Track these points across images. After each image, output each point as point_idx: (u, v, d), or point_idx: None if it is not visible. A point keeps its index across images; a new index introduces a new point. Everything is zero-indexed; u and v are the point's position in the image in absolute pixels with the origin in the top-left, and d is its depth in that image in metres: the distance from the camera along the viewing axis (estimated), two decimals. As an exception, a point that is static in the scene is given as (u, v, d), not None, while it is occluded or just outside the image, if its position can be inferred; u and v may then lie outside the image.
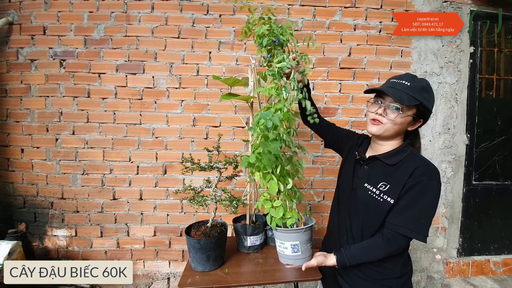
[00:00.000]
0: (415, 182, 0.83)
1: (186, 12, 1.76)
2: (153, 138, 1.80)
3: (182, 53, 1.78)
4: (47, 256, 1.83)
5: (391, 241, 0.84)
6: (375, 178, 0.91)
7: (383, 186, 0.88)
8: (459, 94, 1.91)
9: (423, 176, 0.83)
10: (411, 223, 0.82)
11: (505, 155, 1.99)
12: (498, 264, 2.00)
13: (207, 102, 1.80)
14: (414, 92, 0.84)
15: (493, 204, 2.00)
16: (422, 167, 0.84)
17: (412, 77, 0.88)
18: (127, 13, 1.75)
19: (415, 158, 0.88)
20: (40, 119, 1.79)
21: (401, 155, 0.89)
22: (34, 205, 1.82)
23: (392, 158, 0.89)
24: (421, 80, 0.88)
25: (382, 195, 0.87)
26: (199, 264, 1.14)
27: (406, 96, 0.83)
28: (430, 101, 0.87)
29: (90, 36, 1.76)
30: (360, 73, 1.85)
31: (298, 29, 1.81)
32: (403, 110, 0.85)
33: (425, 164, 0.86)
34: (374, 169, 0.93)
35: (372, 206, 0.90)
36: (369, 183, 0.91)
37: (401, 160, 0.88)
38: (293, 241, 0.92)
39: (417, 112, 0.87)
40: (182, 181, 1.82)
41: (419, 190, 0.82)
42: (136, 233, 1.84)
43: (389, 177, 0.88)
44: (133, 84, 1.78)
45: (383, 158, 0.91)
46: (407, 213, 0.83)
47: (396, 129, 0.88)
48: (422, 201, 0.82)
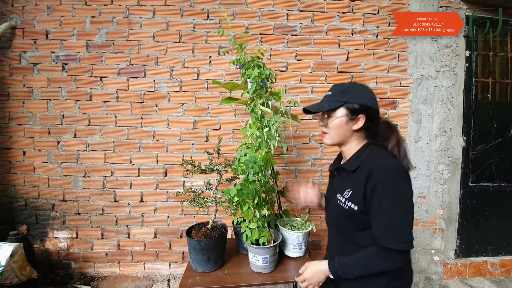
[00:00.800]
0: (372, 186, 0.79)
1: (187, 17, 1.79)
2: (154, 141, 1.83)
3: (182, 57, 1.81)
4: (48, 258, 1.84)
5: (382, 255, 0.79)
6: (342, 187, 0.91)
7: (347, 193, 0.88)
8: (455, 97, 1.94)
9: (377, 177, 0.79)
10: (383, 231, 0.78)
11: (501, 157, 2.02)
12: (496, 265, 2.02)
13: (207, 105, 1.83)
14: (334, 97, 0.89)
15: (490, 205, 2.03)
16: (376, 168, 0.81)
17: (334, 87, 0.93)
18: (129, 18, 1.78)
19: (372, 158, 0.85)
20: (42, 122, 1.81)
21: (360, 159, 0.88)
22: (36, 207, 1.83)
23: (352, 164, 0.89)
24: (341, 85, 0.92)
25: (347, 202, 0.86)
26: (200, 265, 1.16)
27: (327, 104, 0.89)
28: (356, 97, 0.87)
29: (92, 40, 1.79)
30: (358, 77, 1.88)
31: (296, 34, 1.84)
32: (331, 115, 0.90)
33: (379, 164, 0.82)
34: (341, 178, 0.95)
35: (341, 215, 0.89)
36: (339, 193, 0.92)
37: (361, 164, 0.87)
38: (264, 255, 1.12)
39: (350, 111, 0.87)
40: (182, 183, 1.84)
41: (378, 194, 0.79)
42: (136, 235, 1.85)
43: (351, 183, 0.88)
44: (134, 87, 1.81)
45: (345, 166, 0.92)
46: (378, 222, 0.80)
47: (340, 133, 0.90)
48: (384, 205, 0.78)
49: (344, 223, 0.90)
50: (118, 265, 1.86)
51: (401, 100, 1.91)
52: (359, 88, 0.91)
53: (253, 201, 1.11)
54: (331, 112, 0.90)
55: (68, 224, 1.83)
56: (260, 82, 1.17)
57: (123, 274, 1.87)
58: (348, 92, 0.89)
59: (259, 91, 1.19)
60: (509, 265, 2.03)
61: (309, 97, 1.86)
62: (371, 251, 0.81)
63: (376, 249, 0.80)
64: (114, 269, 1.87)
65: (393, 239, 0.77)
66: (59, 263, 1.84)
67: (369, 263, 0.81)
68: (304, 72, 1.86)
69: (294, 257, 1.27)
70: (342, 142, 0.93)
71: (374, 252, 0.81)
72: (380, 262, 0.80)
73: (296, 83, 1.86)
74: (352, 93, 0.88)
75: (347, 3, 1.84)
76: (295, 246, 1.26)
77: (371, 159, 0.85)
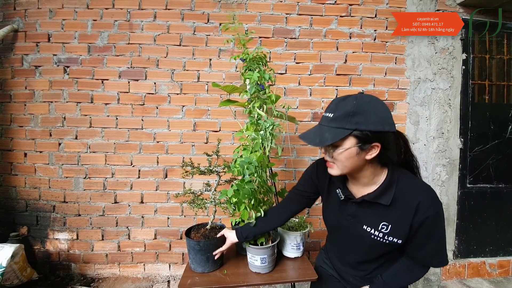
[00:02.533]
0: (423, 219, 0.75)
1: (188, 21, 1.82)
2: (154, 143, 1.84)
3: (183, 60, 1.83)
4: (48, 259, 1.85)
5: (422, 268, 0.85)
6: (373, 220, 0.82)
7: (384, 227, 0.80)
8: (452, 99, 1.96)
9: (429, 211, 0.75)
10: (433, 255, 0.81)
11: (498, 158, 2.04)
12: (494, 266, 2.03)
13: (207, 108, 1.85)
14: (339, 122, 0.71)
15: (488, 206, 2.04)
16: (425, 201, 0.75)
17: (335, 105, 0.74)
18: (130, 22, 1.81)
19: (408, 188, 0.78)
20: (43, 124, 1.83)
21: (391, 190, 0.78)
22: (36, 208, 1.85)
23: (385, 197, 0.78)
24: (346, 103, 0.72)
25: (387, 237, 0.80)
26: (199, 265, 1.17)
27: (330, 134, 0.72)
28: (367, 122, 0.70)
29: (93, 43, 1.81)
30: (356, 80, 1.90)
31: (295, 37, 1.87)
32: (337, 145, 0.73)
33: (425, 195, 0.77)
34: (368, 210, 0.83)
35: (376, 247, 0.85)
36: (368, 225, 0.83)
37: (395, 196, 0.78)
38: (262, 255, 1.13)
39: (360, 140, 0.71)
40: (182, 184, 1.85)
41: (429, 225, 0.77)
42: (137, 236, 1.86)
43: (388, 217, 0.80)
44: (135, 90, 1.83)
45: (374, 199, 0.80)
46: (427, 248, 0.80)
47: (350, 165, 0.76)
48: (435, 234, 0.79)
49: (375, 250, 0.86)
50: (118, 266, 1.87)
51: (399, 102, 1.93)
52: (369, 108, 0.71)
53: (250, 202, 1.13)
54: (336, 142, 0.72)
55: (69, 225, 1.84)
56: (258, 86, 1.19)
57: (123, 275, 1.87)
58: (356, 115, 0.70)
59: (257, 94, 1.21)
60: (507, 266, 2.04)
61: (308, 99, 1.88)
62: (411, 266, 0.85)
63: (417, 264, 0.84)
64: (114, 270, 1.87)
65: (441, 260, 0.81)
66: (59, 264, 1.85)
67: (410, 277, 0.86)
68: (303, 74, 1.88)
69: (292, 257, 1.28)
70: (354, 171, 0.79)
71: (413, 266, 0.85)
72: (420, 274, 0.86)
73: (295, 85, 1.88)
74: (362, 116, 0.70)
75: (345, 7, 1.87)
76: (293, 246, 1.27)
77: (407, 190, 0.78)
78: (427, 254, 0.81)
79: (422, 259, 0.83)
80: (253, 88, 1.17)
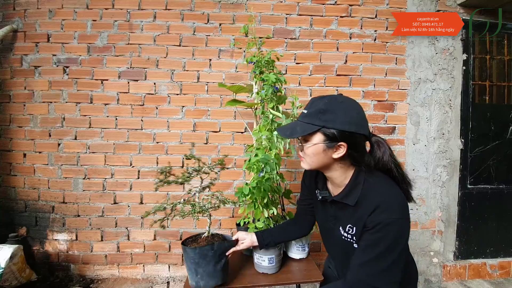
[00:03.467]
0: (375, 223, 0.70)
1: (187, 21, 1.81)
2: (154, 143, 1.84)
3: (183, 60, 1.82)
4: (47, 260, 1.84)
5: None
6: (343, 221, 0.82)
7: (350, 229, 0.79)
8: (453, 100, 1.96)
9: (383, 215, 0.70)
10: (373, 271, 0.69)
11: (499, 159, 2.03)
12: (495, 267, 2.02)
13: (207, 108, 1.84)
14: (310, 118, 0.74)
15: (489, 207, 2.03)
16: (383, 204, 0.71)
17: (311, 102, 0.79)
18: (130, 22, 1.80)
19: (373, 190, 0.75)
20: (42, 124, 1.82)
21: (356, 192, 0.77)
22: (36, 209, 1.84)
23: (350, 198, 0.78)
24: (320, 101, 0.76)
25: (354, 238, 0.78)
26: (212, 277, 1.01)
27: (301, 128, 0.75)
28: (335, 121, 0.72)
29: (93, 43, 1.81)
30: (356, 80, 1.90)
31: (295, 38, 1.86)
32: (307, 139, 0.76)
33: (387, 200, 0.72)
34: (342, 211, 0.83)
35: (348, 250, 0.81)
36: (341, 226, 0.83)
37: (359, 198, 0.76)
38: (270, 255, 1.12)
39: (327, 137, 0.73)
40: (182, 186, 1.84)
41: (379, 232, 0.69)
42: (136, 237, 1.86)
43: (352, 219, 0.78)
44: (135, 90, 1.82)
45: (342, 199, 0.80)
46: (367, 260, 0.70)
47: (318, 160, 0.77)
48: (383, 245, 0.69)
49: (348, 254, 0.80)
50: (117, 267, 1.86)
51: (399, 103, 1.93)
52: (340, 108, 0.73)
53: (263, 200, 1.14)
54: (306, 137, 0.76)
55: (68, 226, 1.84)
56: (273, 87, 1.21)
57: (122, 276, 1.86)
58: (326, 113, 0.72)
59: (272, 95, 1.23)
60: (508, 267, 2.03)
61: (308, 100, 1.87)
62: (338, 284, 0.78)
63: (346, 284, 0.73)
64: (114, 271, 1.86)
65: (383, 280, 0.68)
66: (58, 265, 1.84)
67: None
68: (303, 75, 1.88)
69: (298, 258, 1.27)
70: (323, 168, 0.81)
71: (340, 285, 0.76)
72: None
73: (295, 86, 1.87)
74: (332, 114, 0.72)
75: (345, 7, 1.86)
76: (298, 247, 1.26)
77: (372, 191, 0.75)
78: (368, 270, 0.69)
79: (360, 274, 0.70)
80: (269, 89, 1.19)
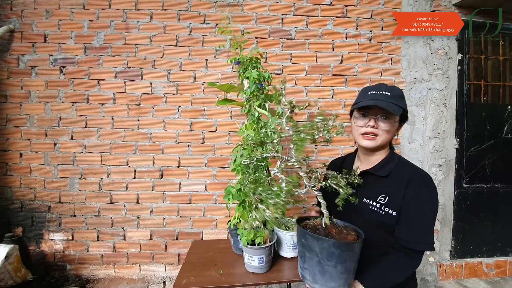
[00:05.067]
0: (415, 193, 0.84)
1: (184, 21, 1.82)
2: (150, 143, 1.84)
3: (179, 60, 1.83)
4: (43, 260, 1.83)
5: (413, 258, 0.83)
6: (373, 192, 0.90)
7: (382, 198, 0.87)
8: (448, 99, 1.97)
9: (422, 184, 0.85)
10: (422, 236, 0.82)
11: (494, 158, 2.04)
12: (491, 266, 2.03)
13: (203, 108, 1.85)
14: (397, 100, 0.87)
15: (484, 206, 2.04)
16: (416, 176, 0.86)
17: (388, 87, 0.91)
18: (127, 22, 1.81)
19: (405, 165, 0.91)
20: (39, 124, 1.82)
21: (391, 164, 0.90)
22: (32, 209, 1.84)
23: (384, 169, 0.90)
24: (397, 89, 0.91)
25: (384, 207, 0.86)
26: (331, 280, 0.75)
27: (394, 107, 0.85)
28: (405, 106, 0.91)
29: (90, 43, 1.81)
30: (352, 80, 1.91)
31: (291, 38, 1.87)
32: (390, 118, 0.88)
33: (418, 172, 0.88)
34: (369, 183, 0.92)
35: (373, 220, 0.88)
36: (367, 198, 0.90)
37: (393, 170, 0.89)
38: (260, 255, 1.13)
39: (401, 118, 0.92)
40: (178, 185, 1.85)
41: (421, 200, 0.83)
42: (132, 236, 1.85)
43: (386, 189, 0.88)
44: (131, 90, 1.83)
45: (375, 171, 0.92)
46: (416, 227, 0.83)
47: (389, 137, 0.91)
48: (425, 212, 0.83)
49: (373, 224, 0.87)
50: (113, 267, 1.86)
51: (395, 103, 1.93)
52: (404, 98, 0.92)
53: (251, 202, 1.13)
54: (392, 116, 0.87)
55: (64, 226, 1.83)
56: (258, 84, 1.20)
57: (118, 276, 1.86)
58: (403, 98, 0.90)
59: (256, 93, 1.21)
60: (504, 266, 2.04)
61: (304, 99, 1.89)
62: (399, 256, 0.84)
63: (404, 254, 0.83)
64: (110, 271, 1.86)
65: (429, 242, 0.82)
66: (54, 265, 1.84)
67: (403, 270, 0.84)
68: (299, 75, 1.88)
69: (289, 257, 1.27)
70: (384, 146, 0.92)
71: (402, 257, 0.83)
72: (412, 266, 0.84)
73: (291, 85, 1.88)
74: (404, 100, 0.90)
75: (341, 8, 1.88)
76: (289, 246, 1.27)
77: (405, 165, 0.90)
78: (414, 234, 0.82)
79: (409, 242, 0.82)
80: (252, 86, 1.18)
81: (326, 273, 0.71)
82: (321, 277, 0.72)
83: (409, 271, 0.86)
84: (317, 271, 0.72)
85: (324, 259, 0.70)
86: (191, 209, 1.86)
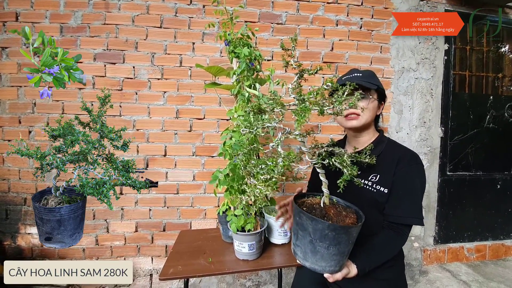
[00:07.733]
0: (405, 170, 0.88)
1: (169, 2, 1.73)
2: (134, 130, 1.75)
3: (164, 43, 1.74)
4: (20, 256, 1.72)
5: (402, 234, 0.86)
6: (364, 171, 0.90)
7: (373, 177, 0.91)
8: (434, 89, 2.00)
9: (411, 162, 0.89)
10: (411, 210, 0.86)
11: (476, 147, 2.11)
12: (472, 250, 2.11)
13: (190, 94, 1.78)
14: (368, 79, 0.92)
15: (466, 193, 2.12)
16: (406, 154, 0.91)
17: (360, 70, 0.97)
18: (106, 1, 1.69)
19: (395, 146, 0.96)
20: (11, 110, 1.69)
21: (381, 145, 0.95)
22: (6, 201, 1.71)
23: (375, 149, 0.92)
24: (368, 70, 0.98)
25: (375, 185, 0.90)
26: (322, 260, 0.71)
27: (366, 83, 0.90)
28: (380, 84, 0.96)
29: (66, 23, 1.68)
30: (342, 68, 1.89)
31: (282, 23, 1.83)
32: (368, 96, 0.92)
33: (407, 150, 0.94)
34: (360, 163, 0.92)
35: (365, 197, 0.90)
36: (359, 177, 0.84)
37: (383, 150, 0.93)
38: (250, 242, 1.11)
39: (378, 95, 0.96)
40: (165, 174, 1.78)
41: (410, 177, 0.88)
42: (116, 229, 1.78)
43: (377, 168, 0.90)
44: (112, 74, 1.72)
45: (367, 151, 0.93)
46: (406, 202, 0.86)
47: (371, 115, 0.95)
48: (414, 187, 0.88)
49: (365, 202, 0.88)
50: (96, 260, 1.78)
51: (384, 91, 1.94)
52: None
53: (240, 187, 1.09)
54: (370, 93, 0.92)
55: (42, 218, 1.73)
56: (248, 63, 1.14)
57: (102, 270, 1.78)
58: (375, 77, 0.95)
59: (247, 73, 1.15)
60: (484, 250, 2.13)
61: (294, 87, 1.85)
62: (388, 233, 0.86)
63: (393, 231, 0.86)
64: (93, 265, 1.78)
65: (419, 217, 0.86)
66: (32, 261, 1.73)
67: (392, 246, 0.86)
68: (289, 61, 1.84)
69: (279, 244, 1.26)
70: (368, 125, 0.96)
71: (392, 234, 0.86)
72: (400, 242, 0.87)
73: (282, 72, 1.84)
74: (378, 79, 0.96)
75: (331, -7, 1.84)
76: (280, 233, 1.25)
77: (394, 146, 0.96)
78: (407, 211, 0.86)
79: (399, 217, 0.86)
80: (243, 64, 1.12)
81: (318, 253, 0.68)
82: (312, 256, 0.69)
83: (398, 247, 0.88)
84: (308, 250, 0.69)
85: (316, 240, 0.67)
86: (178, 199, 1.80)
